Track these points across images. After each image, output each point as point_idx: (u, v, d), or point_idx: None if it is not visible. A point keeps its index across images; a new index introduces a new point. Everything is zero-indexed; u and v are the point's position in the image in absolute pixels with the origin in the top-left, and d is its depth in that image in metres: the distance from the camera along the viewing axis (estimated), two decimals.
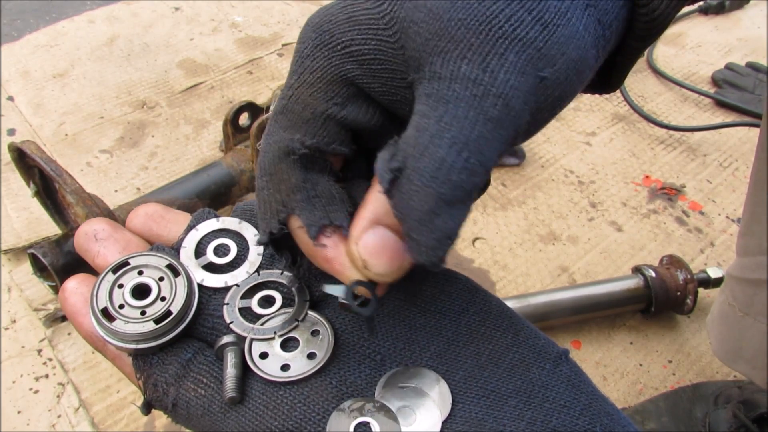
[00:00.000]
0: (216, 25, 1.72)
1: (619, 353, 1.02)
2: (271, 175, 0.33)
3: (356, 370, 0.35)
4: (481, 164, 0.28)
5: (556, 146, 1.40)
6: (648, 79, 1.60)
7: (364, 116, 0.33)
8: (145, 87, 1.50)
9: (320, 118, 0.32)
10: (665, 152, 1.40)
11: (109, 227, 0.40)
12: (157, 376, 0.35)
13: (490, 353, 0.34)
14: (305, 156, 0.33)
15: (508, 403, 0.32)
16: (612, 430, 0.31)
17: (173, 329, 0.35)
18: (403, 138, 0.29)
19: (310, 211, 0.32)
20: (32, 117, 1.40)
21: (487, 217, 1.23)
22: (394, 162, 0.28)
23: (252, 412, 0.33)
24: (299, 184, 0.33)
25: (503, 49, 0.27)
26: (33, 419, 0.91)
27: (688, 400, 0.92)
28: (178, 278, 0.36)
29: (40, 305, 1.04)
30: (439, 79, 0.28)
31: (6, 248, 1.11)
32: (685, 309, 1.03)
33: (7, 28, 1.69)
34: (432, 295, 0.37)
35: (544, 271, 1.14)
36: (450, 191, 0.27)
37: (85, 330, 0.37)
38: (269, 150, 0.33)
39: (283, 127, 0.33)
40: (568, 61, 0.28)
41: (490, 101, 0.27)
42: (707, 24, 1.81)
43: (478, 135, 0.27)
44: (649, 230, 1.23)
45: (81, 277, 0.38)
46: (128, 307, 0.35)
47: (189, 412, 0.35)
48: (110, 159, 1.32)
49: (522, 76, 0.27)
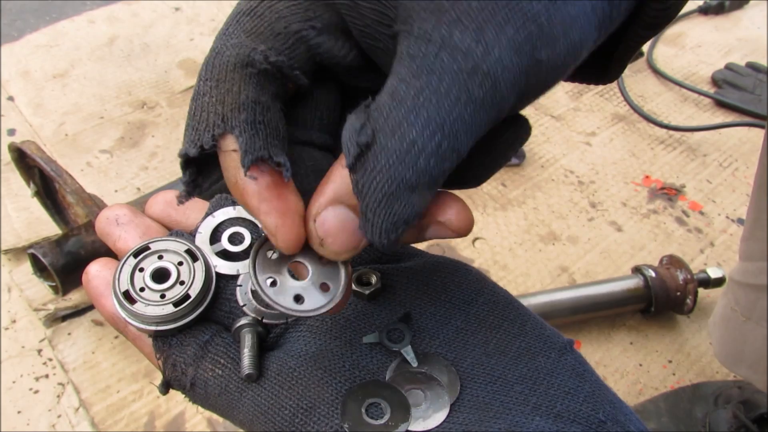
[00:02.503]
0: (216, 25, 1.72)
1: (619, 353, 1.02)
2: (219, 81, 0.29)
3: (368, 355, 0.35)
4: (453, 150, 0.26)
5: (556, 146, 1.40)
6: (648, 79, 1.60)
7: (338, 51, 0.30)
8: (145, 87, 1.50)
9: (292, 36, 0.29)
10: (665, 152, 1.40)
11: (129, 212, 0.40)
12: (176, 357, 0.36)
13: (497, 342, 0.35)
14: (264, 72, 0.29)
15: (514, 389, 0.33)
16: (614, 417, 0.31)
17: (191, 312, 0.36)
18: (376, 104, 0.27)
19: (252, 137, 0.29)
20: (32, 117, 1.41)
21: (487, 217, 1.24)
22: (363, 135, 0.26)
23: (267, 391, 0.34)
24: (248, 102, 0.29)
25: (502, 19, 0.25)
26: (33, 419, 0.91)
27: (688, 400, 0.92)
28: (196, 263, 0.37)
29: (40, 305, 1.04)
30: (427, 42, 0.25)
31: (6, 248, 1.11)
32: (685, 309, 1.03)
33: (7, 28, 1.69)
34: (442, 285, 0.37)
35: (544, 271, 1.14)
36: (415, 176, 0.26)
37: (107, 312, 0.37)
38: (224, 53, 0.29)
39: (246, 31, 0.29)
40: (568, 44, 0.26)
41: (478, 80, 0.25)
42: (707, 24, 1.81)
43: (456, 117, 0.25)
44: (649, 230, 1.23)
45: (103, 261, 0.39)
46: (148, 291, 0.36)
47: (207, 391, 0.35)
48: (110, 159, 1.32)
49: (517, 56, 0.25)
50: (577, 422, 0.31)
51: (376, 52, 0.30)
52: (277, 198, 0.29)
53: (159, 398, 0.94)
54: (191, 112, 0.30)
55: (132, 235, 0.39)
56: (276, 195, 0.29)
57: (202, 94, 0.30)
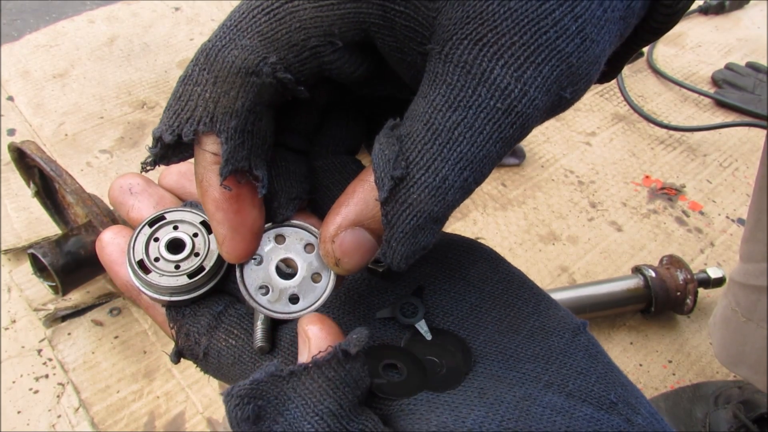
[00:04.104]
0: (216, 25, 1.71)
1: (619, 353, 1.02)
2: (218, 78, 0.28)
3: (382, 328, 0.35)
4: (476, 183, 0.27)
5: (556, 146, 1.40)
6: (648, 79, 1.60)
7: (349, 68, 0.30)
8: (145, 87, 1.50)
9: (307, 50, 0.28)
10: (665, 152, 1.40)
11: (143, 182, 0.40)
12: (190, 326, 0.36)
13: (511, 320, 0.35)
14: (268, 83, 0.28)
15: (527, 366, 0.33)
16: (626, 400, 0.31)
17: (206, 284, 0.36)
18: (407, 131, 0.27)
19: (236, 147, 0.28)
20: (32, 117, 1.41)
21: (487, 217, 1.24)
22: (398, 169, 0.26)
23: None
24: (243, 111, 0.28)
25: (541, 59, 0.25)
26: (33, 419, 0.91)
27: (688, 400, 0.92)
28: (211, 235, 0.37)
29: (40, 305, 1.04)
30: (467, 73, 0.25)
31: (6, 248, 1.11)
32: (685, 309, 1.03)
33: (7, 28, 1.69)
34: (458, 262, 0.37)
35: (544, 271, 1.14)
36: (442, 210, 0.27)
37: (121, 280, 0.37)
38: (230, 50, 0.28)
39: (260, 34, 0.28)
40: (588, 80, 0.27)
41: (511, 119, 0.26)
42: (707, 24, 1.81)
43: (485, 154, 0.26)
44: (649, 230, 1.23)
45: (117, 228, 0.38)
46: (163, 261, 0.36)
47: (220, 361, 0.35)
48: (110, 159, 1.32)
49: (546, 95, 0.26)
50: (588, 402, 0.31)
51: (401, 65, 0.30)
52: (234, 211, 0.30)
53: (159, 398, 0.94)
54: (176, 93, 0.29)
55: (146, 204, 0.39)
56: (234, 208, 0.30)
57: (194, 82, 0.29)
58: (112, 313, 1.05)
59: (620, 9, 0.27)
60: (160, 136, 0.29)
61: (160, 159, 0.30)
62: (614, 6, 0.27)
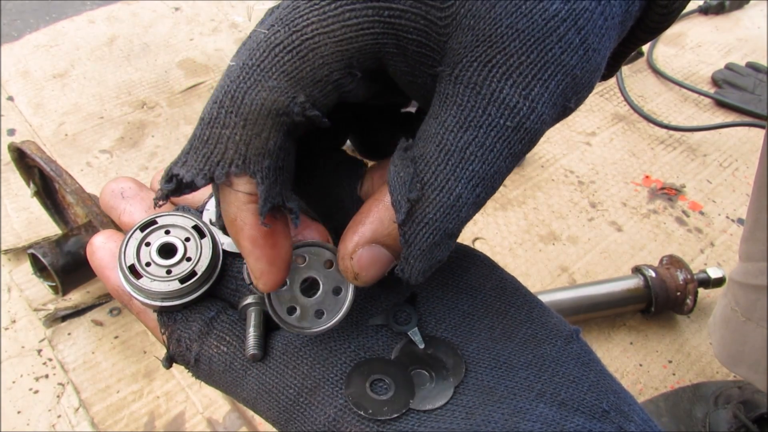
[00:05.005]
0: (216, 25, 1.72)
1: (619, 353, 1.02)
2: (247, 122, 0.28)
3: (374, 336, 0.36)
4: (487, 197, 0.28)
5: (556, 146, 1.40)
6: (648, 79, 1.60)
7: (363, 92, 0.31)
8: (145, 87, 1.50)
9: (331, 84, 0.28)
10: (665, 152, 1.40)
11: (135, 186, 0.40)
12: (181, 332, 0.36)
13: (503, 328, 0.35)
14: (297, 123, 0.28)
15: (519, 374, 0.33)
16: (618, 407, 0.32)
17: (198, 289, 0.36)
18: (421, 152, 0.28)
19: (271, 185, 0.29)
20: (32, 117, 1.40)
21: (487, 217, 1.24)
22: (414, 192, 0.28)
23: (272, 370, 0.34)
24: (275, 150, 0.28)
25: (547, 75, 0.26)
26: (33, 419, 0.91)
27: (688, 401, 0.92)
28: (203, 240, 0.37)
29: (40, 305, 1.04)
30: (477, 94, 0.27)
31: (6, 248, 1.11)
32: (685, 309, 1.03)
33: (7, 28, 1.69)
34: (451, 270, 0.38)
35: (544, 271, 1.14)
36: (456, 226, 0.28)
37: (112, 284, 0.37)
38: (258, 92, 0.28)
39: (286, 74, 0.28)
40: (590, 88, 0.28)
41: (520, 136, 0.27)
42: (707, 24, 1.81)
43: (496, 169, 0.27)
44: (649, 230, 1.23)
45: (108, 233, 0.38)
46: (154, 266, 0.36)
47: (211, 367, 0.35)
48: (110, 159, 1.32)
49: (553, 108, 0.27)
50: (580, 411, 0.31)
51: (411, 87, 0.31)
52: (271, 246, 0.30)
53: (159, 398, 0.94)
54: (202, 137, 0.29)
55: (137, 208, 0.39)
56: (270, 243, 0.30)
57: (221, 125, 0.28)
58: (112, 313, 1.05)
59: (619, 15, 0.28)
60: (184, 178, 0.29)
61: (171, 194, 0.31)
62: (614, 13, 0.27)
